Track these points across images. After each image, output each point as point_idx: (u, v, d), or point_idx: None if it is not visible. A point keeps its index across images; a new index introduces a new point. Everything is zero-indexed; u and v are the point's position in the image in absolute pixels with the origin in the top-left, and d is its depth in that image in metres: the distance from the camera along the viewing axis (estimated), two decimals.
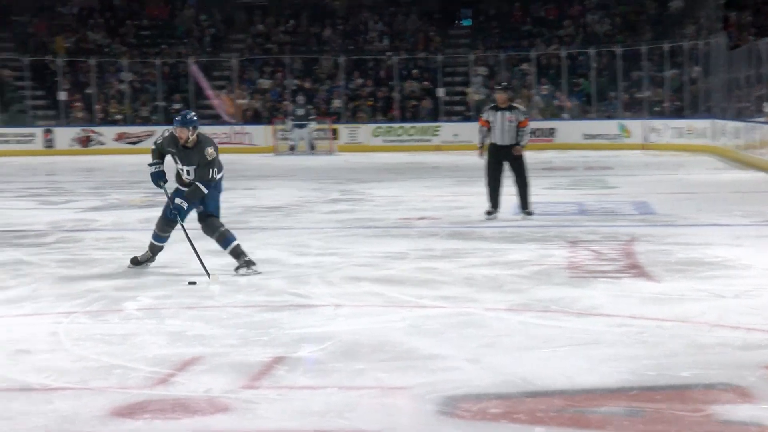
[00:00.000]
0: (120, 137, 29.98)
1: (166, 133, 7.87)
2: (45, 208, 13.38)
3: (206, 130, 29.30)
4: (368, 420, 4.30)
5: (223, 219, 7.53)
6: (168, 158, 7.93)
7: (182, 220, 7.82)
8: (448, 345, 5.54)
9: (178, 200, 7.82)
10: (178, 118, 7.81)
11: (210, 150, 7.70)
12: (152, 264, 8.12)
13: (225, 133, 29.52)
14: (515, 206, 11.39)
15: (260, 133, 29.00)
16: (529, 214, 11.27)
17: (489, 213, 11.27)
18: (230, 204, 13.75)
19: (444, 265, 8.20)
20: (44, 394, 4.71)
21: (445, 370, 5.04)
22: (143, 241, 9.94)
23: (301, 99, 27.71)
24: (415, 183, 17.01)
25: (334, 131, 28.25)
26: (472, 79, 30.28)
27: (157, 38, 33.46)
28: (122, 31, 33.85)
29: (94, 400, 4.55)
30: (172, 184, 7.97)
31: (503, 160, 11.27)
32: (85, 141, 29.65)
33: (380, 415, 4.37)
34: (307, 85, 30.96)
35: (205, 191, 7.76)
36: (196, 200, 7.81)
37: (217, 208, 7.95)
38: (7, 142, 29.25)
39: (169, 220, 7.92)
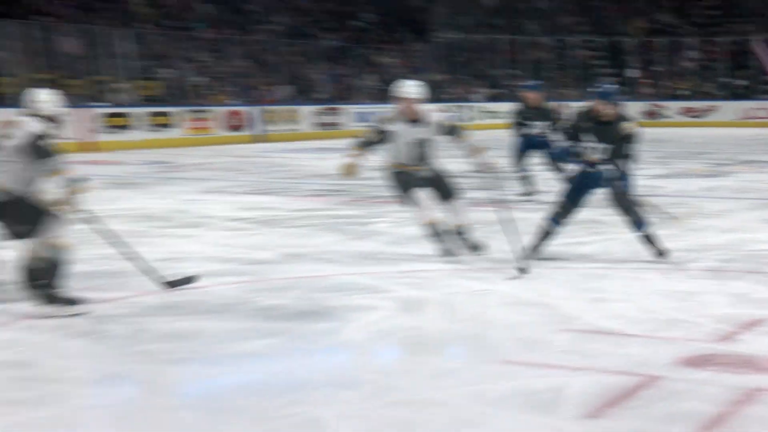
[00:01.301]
0: (685, 111, 31.00)
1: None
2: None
3: None
4: None
5: None
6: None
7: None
8: None
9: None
10: (599, 89, 7.09)
11: (630, 124, 6.96)
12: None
13: None
14: None
15: None
16: None
17: None
18: None
19: None
20: (618, 338, 5.10)
21: None
22: (706, 207, 10.22)
23: None
24: None
25: None
26: None
27: (723, 17, 33.73)
28: (690, 12, 34.56)
29: (663, 349, 4.83)
30: None
31: None
32: (653, 114, 30.96)
33: None
34: None
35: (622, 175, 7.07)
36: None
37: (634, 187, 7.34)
38: None
39: (568, 211, 7.12)
